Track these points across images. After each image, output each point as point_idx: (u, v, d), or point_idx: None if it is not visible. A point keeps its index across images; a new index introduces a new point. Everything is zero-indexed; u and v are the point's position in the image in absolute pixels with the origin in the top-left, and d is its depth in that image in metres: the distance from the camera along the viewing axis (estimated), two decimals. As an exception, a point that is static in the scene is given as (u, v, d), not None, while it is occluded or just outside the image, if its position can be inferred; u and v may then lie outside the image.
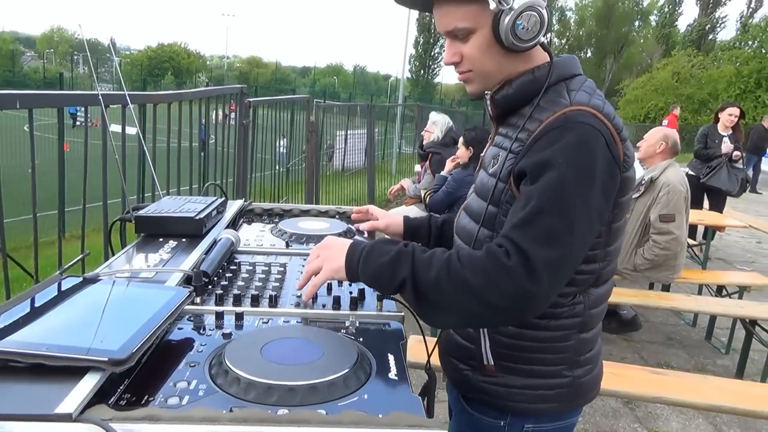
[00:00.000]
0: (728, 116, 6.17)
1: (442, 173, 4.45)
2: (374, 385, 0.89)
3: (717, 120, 6.29)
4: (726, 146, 6.06)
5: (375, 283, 1.06)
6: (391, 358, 0.98)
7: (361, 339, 1.05)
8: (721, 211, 6.09)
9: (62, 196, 1.88)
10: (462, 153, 4.20)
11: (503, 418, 1.19)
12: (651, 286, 4.66)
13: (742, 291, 4.26)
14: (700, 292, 4.68)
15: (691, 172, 6.12)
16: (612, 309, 4.25)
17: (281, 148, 5.64)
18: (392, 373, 0.93)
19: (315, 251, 1.15)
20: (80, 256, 1.96)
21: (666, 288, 4.53)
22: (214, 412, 0.73)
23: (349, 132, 10.32)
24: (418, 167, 5.59)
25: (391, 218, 1.54)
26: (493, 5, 1.04)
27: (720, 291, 4.40)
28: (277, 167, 5.19)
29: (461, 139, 4.25)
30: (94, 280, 1.08)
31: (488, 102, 1.18)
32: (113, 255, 1.38)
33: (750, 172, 12.99)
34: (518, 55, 1.11)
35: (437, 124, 5.13)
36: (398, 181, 5.69)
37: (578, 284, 1.11)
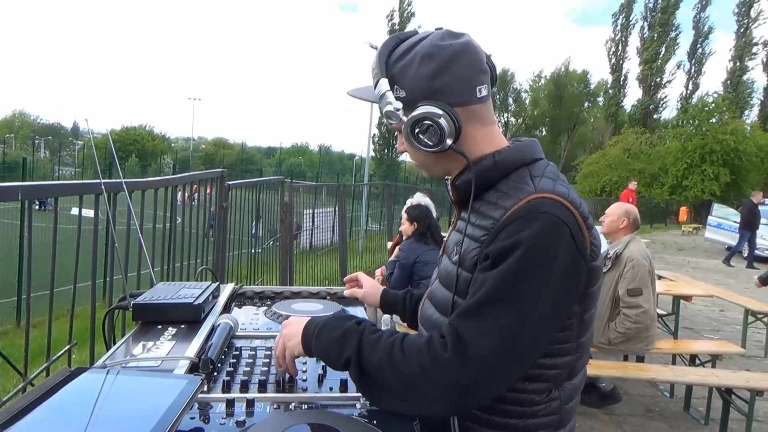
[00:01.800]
0: None
1: (391, 258, 4.70)
2: (397, 468, 0.89)
3: None
4: None
5: (325, 357, 1.08)
6: (408, 440, 0.99)
7: (375, 422, 1.05)
8: None
9: (53, 281, 1.83)
10: (406, 228, 4.47)
11: None
12: (626, 358, 4.72)
13: (714, 359, 4.35)
14: (674, 362, 4.76)
15: None
16: (590, 382, 4.27)
17: (258, 231, 5.66)
18: (412, 456, 0.93)
19: (279, 332, 1.18)
20: (67, 347, 1.92)
21: (641, 359, 4.59)
22: (248, 503, 0.73)
23: (316, 211, 10.44)
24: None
25: (372, 290, 1.60)
26: (384, 120, 1.11)
27: (693, 360, 4.49)
28: (252, 249, 5.19)
29: (404, 215, 4.52)
30: (103, 371, 1.06)
31: (449, 187, 1.18)
32: (114, 343, 1.36)
33: (744, 247, 13.44)
34: (446, 153, 1.10)
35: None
36: (365, 258, 5.80)
37: (552, 379, 1.08)
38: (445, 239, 1.30)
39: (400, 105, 1.08)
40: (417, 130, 1.07)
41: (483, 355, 0.93)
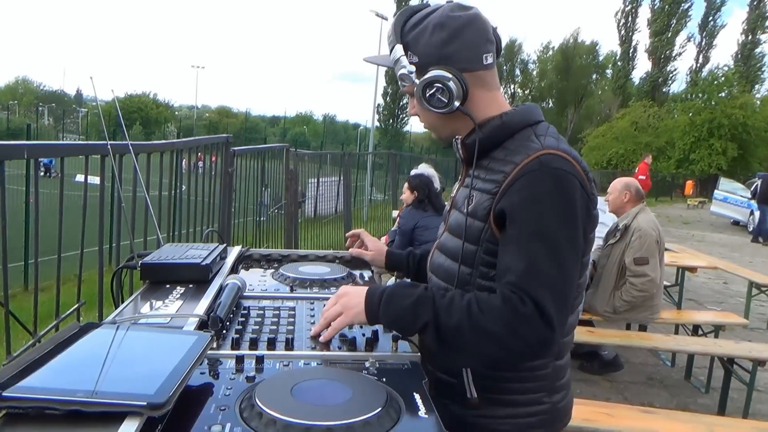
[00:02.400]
0: None
1: (392, 229, 4.75)
2: (407, 423, 0.89)
3: None
4: None
5: (397, 325, 1.14)
6: (417, 396, 0.99)
7: (384, 379, 1.06)
8: None
9: (59, 245, 1.84)
10: (406, 196, 4.56)
11: None
12: (628, 327, 4.75)
13: (717, 330, 4.37)
14: (676, 332, 4.78)
15: None
16: (593, 350, 4.31)
17: (265, 198, 5.66)
18: (422, 412, 0.94)
19: (332, 299, 1.22)
20: (76, 306, 1.94)
21: (643, 328, 4.62)
22: (260, 453, 0.73)
23: (320, 180, 10.42)
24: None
25: (377, 252, 1.65)
26: (400, 83, 1.19)
27: (696, 330, 4.51)
28: (257, 217, 5.19)
29: (406, 184, 4.61)
30: (113, 326, 1.07)
31: (458, 146, 1.26)
32: (122, 302, 1.36)
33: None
34: (455, 115, 1.20)
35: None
36: (370, 228, 5.84)
37: None
38: (453, 195, 1.36)
39: (413, 69, 1.18)
40: (428, 93, 1.16)
41: (553, 309, 1.02)
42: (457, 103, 1.16)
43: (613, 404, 3.02)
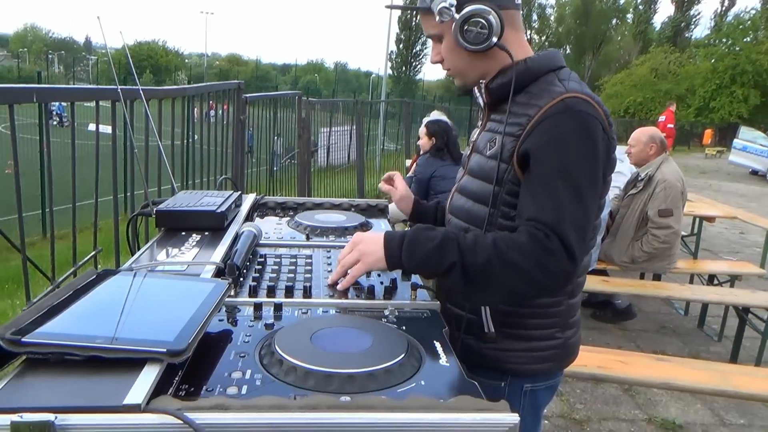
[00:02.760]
0: None
1: (408, 175, 4.65)
2: (428, 371, 0.88)
3: None
4: None
5: (421, 268, 1.15)
6: (437, 344, 0.98)
7: (404, 327, 1.05)
8: None
9: (74, 193, 1.82)
10: (424, 142, 4.44)
11: (504, 380, 1.29)
12: (642, 276, 4.74)
13: (733, 280, 4.35)
14: (691, 281, 4.77)
15: None
16: (606, 299, 4.32)
17: (278, 148, 5.60)
18: (443, 360, 0.93)
19: (349, 246, 1.21)
20: (93, 253, 1.94)
21: (657, 278, 4.60)
22: (282, 400, 0.72)
23: (332, 129, 10.31)
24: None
25: (405, 196, 1.63)
26: (437, 18, 1.18)
27: (711, 280, 4.49)
28: (270, 167, 5.16)
29: (424, 130, 4.47)
30: (131, 273, 1.06)
31: (482, 90, 1.28)
32: (138, 249, 1.35)
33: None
34: (486, 55, 1.21)
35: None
36: (382, 177, 5.75)
37: None
38: (473, 140, 1.38)
39: (454, 2, 1.18)
40: (466, 27, 1.17)
41: (575, 244, 1.06)
42: (494, 39, 1.17)
43: (626, 352, 3.04)
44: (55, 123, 14.32)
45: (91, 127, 1.94)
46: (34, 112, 2.70)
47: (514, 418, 0.73)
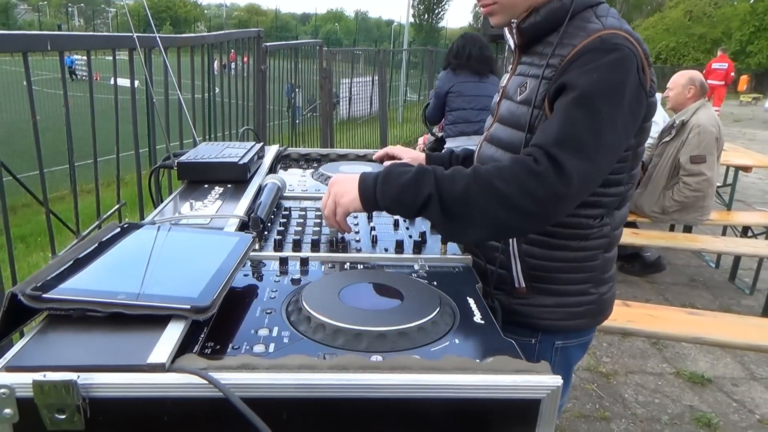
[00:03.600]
0: None
1: (429, 99, 4.43)
2: (462, 329, 0.85)
3: None
4: None
5: (396, 204, 1.04)
6: (471, 301, 0.94)
7: (435, 283, 1.00)
8: None
9: (95, 147, 1.80)
10: None
11: (534, 336, 1.25)
12: (672, 228, 4.62)
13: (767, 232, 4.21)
14: (724, 233, 4.64)
15: None
16: (635, 252, 4.23)
17: (297, 101, 5.50)
18: (477, 317, 0.89)
19: (326, 192, 1.13)
20: (117, 206, 1.93)
21: (688, 230, 4.49)
22: (311, 359, 0.69)
23: (354, 80, 10.11)
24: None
25: (413, 158, 1.55)
26: None
27: (745, 232, 4.36)
28: (296, 120, 5.07)
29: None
30: (154, 227, 1.03)
31: (514, 31, 1.20)
32: (161, 202, 1.32)
33: None
34: None
35: None
36: (405, 129, 5.60)
37: (606, 206, 1.17)
38: (503, 85, 1.30)
39: None
40: None
41: (572, 167, 0.97)
42: None
43: (655, 306, 2.97)
44: (73, 78, 14.30)
45: (112, 81, 1.89)
46: (55, 65, 2.65)
47: (556, 380, 0.69)
